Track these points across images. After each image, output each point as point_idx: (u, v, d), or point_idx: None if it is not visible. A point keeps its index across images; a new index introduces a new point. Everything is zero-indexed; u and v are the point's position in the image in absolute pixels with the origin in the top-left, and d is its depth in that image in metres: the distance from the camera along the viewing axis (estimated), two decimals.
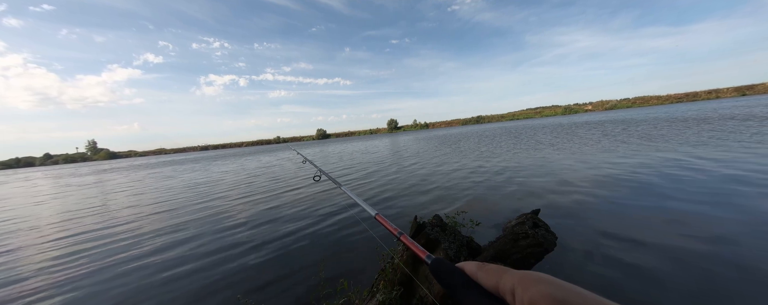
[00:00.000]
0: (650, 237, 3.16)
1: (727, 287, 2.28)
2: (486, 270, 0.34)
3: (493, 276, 0.32)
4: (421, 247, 0.49)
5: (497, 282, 0.31)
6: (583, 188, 5.37)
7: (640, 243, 3.05)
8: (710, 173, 5.46)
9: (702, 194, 4.40)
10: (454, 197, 5.70)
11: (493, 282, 0.31)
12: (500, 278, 0.31)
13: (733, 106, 35.83)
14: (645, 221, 3.61)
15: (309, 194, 7.25)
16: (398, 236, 0.59)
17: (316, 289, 2.55)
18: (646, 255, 2.81)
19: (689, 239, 3.05)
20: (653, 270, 2.58)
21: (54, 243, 5.05)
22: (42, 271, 3.78)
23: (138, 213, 6.88)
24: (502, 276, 0.31)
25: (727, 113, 22.97)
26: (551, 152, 10.47)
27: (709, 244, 2.91)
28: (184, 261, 3.72)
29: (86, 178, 21.48)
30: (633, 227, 3.48)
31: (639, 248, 2.96)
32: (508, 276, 0.30)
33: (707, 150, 7.77)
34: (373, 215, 0.72)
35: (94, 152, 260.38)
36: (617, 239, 3.20)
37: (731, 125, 13.28)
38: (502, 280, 0.30)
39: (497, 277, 0.31)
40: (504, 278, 0.30)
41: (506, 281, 0.29)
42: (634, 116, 36.88)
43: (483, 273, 0.34)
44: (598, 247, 3.05)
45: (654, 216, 3.74)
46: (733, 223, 3.33)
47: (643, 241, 3.09)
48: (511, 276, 0.30)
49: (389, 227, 0.63)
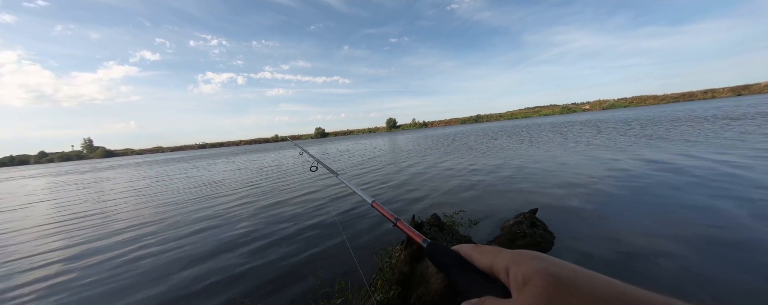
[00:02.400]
0: (648, 237, 3.17)
1: (728, 289, 2.30)
2: (480, 251, 0.34)
3: (488, 256, 0.32)
4: (417, 232, 0.49)
5: (491, 261, 0.31)
6: (582, 187, 5.39)
7: (638, 243, 3.06)
8: (709, 171, 5.50)
9: (702, 192, 4.43)
10: (452, 196, 5.70)
11: (487, 262, 0.32)
12: (495, 257, 0.31)
13: (736, 106, 36.08)
14: (643, 221, 3.63)
15: (307, 193, 7.24)
16: (395, 222, 0.60)
17: (314, 289, 2.54)
18: (644, 255, 2.82)
19: (688, 238, 3.07)
20: (651, 269, 2.60)
21: (51, 237, 5.01)
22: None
23: (140, 214, 6.84)
24: (496, 256, 0.31)
25: (728, 113, 23.13)
26: (549, 151, 10.50)
27: (709, 243, 2.93)
28: (180, 261, 3.70)
29: (101, 173, 21.30)
30: (631, 226, 3.49)
31: (637, 248, 2.98)
32: (502, 255, 0.30)
33: (706, 148, 7.83)
34: (370, 203, 0.72)
35: (90, 150, 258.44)
36: (615, 239, 3.21)
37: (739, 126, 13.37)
38: (496, 259, 0.30)
39: (492, 257, 0.31)
40: (498, 257, 0.30)
41: (500, 260, 0.30)
42: (633, 115, 37.11)
43: (477, 254, 0.34)
44: (596, 247, 3.06)
45: (652, 216, 3.76)
46: (734, 220, 3.36)
47: (642, 241, 3.10)
48: (505, 254, 0.30)
49: (386, 213, 0.63)
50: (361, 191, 0.85)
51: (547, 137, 16.96)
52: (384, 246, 3.02)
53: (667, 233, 3.22)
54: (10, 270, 3.82)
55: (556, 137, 16.38)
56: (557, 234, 3.23)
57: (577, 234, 3.40)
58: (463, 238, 2.59)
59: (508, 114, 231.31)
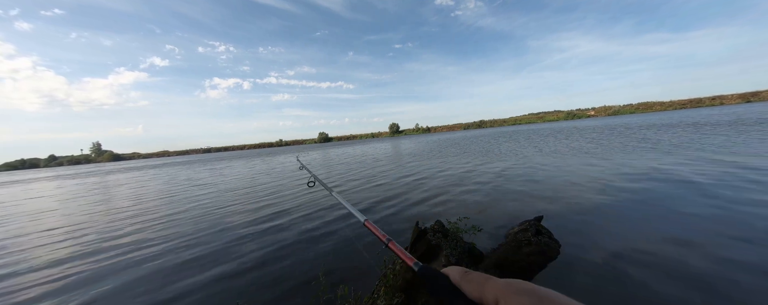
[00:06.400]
0: (656, 246, 3.11)
1: (737, 298, 2.23)
2: (469, 280, 0.34)
3: (476, 287, 0.32)
4: (408, 254, 0.49)
5: (481, 293, 0.31)
6: (588, 194, 5.32)
7: (646, 252, 3.01)
8: (720, 180, 5.39)
9: (712, 201, 4.34)
10: (456, 202, 5.67)
11: (477, 293, 0.32)
12: (483, 288, 0.31)
13: (748, 111, 35.49)
14: (651, 229, 3.56)
15: (309, 199, 7.25)
16: (386, 243, 0.60)
17: (317, 295, 2.53)
18: (652, 265, 2.77)
19: (696, 247, 3.01)
20: (658, 280, 2.54)
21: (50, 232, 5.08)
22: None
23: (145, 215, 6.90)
24: (484, 286, 0.31)
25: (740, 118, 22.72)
26: (554, 158, 10.41)
27: (718, 250, 2.87)
28: (181, 267, 3.71)
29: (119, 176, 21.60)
30: (639, 235, 3.43)
31: (644, 258, 2.92)
32: (490, 285, 0.30)
33: (720, 156, 7.69)
34: (362, 222, 0.72)
35: (99, 153, 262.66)
36: (622, 247, 3.16)
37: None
38: (485, 290, 0.31)
39: (480, 287, 0.31)
40: (486, 287, 0.30)
41: (488, 290, 0.30)
42: (642, 121, 36.66)
43: (466, 284, 0.34)
44: (603, 256, 3.01)
45: (660, 224, 3.69)
46: (742, 230, 3.28)
47: (649, 250, 3.04)
48: (493, 286, 0.30)
49: (378, 234, 0.63)
50: (354, 209, 0.84)
51: (553, 143, 16.81)
52: (388, 252, 3.00)
53: (679, 242, 3.15)
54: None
55: (561, 143, 16.23)
56: (563, 242, 3.18)
57: (583, 242, 3.34)
58: (467, 245, 2.58)
59: (511, 120, 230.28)
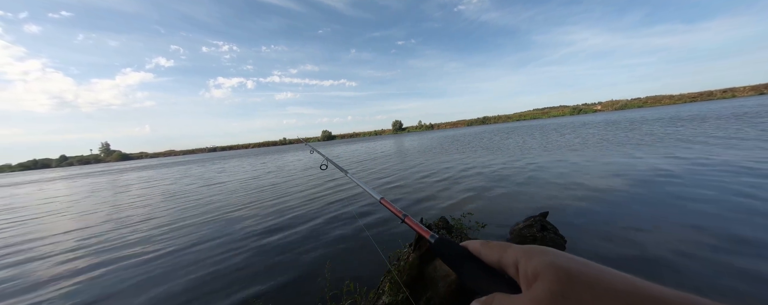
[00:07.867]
0: (662, 241, 3.07)
1: (740, 291, 2.20)
2: (489, 246, 0.34)
3: (496, 252, 0.32)
4: (424, 227, 0.50)
5: (500, 256, 0.31)
6: (593, 190, 5.26)
7: (652, 248, 2.97)
8: (728, 173, 5.28)
9: (719, 194, 4.26)
10: (460, 198, 5.65)
11: (495, 257, 0.31)
12: (503, 252, 0.31)
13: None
14: (657, 225, 3.51)
15: (316, 194, 7.30)
16: (403, 218, 0.61)
17: (323, 290, 2.56)
18: (659, 260, 2.74)
19: (705, 242, 2.96)
20: (666, 275, 2.51)
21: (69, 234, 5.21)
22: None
23: (151, 212, 7.04)
24: (505, 250, 0.31)
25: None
26: (560, 153, 10.29)
27: (725, 244, 2.82)
28: (189, 260, 3.78)
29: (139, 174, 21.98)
30: (645, 230, 3.39)
31: (651, 252, 2.88)
32: (511, 249, 0.30)
33: (726, 151, 7.53)
34: (378, 199, 0.74)
35: (107, 153, 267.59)
36: (628, 243, 3.12)
37: None
38: (505, 254, 0.30)
39: (500, 252, 0.31)
40: (507, 252, 0.30)
41: (509, 254, 0.29)
42: (654, 114, 35.95)
43: (486, 249, 0.34)
44: (609, 252, 2.98)
45: (667, 219, 3.64)
46: (751, 224, 3.21)
47: (656, 245, 3.00)
48: (514, 249, 0.30)
49: (394, 210, 0.64)
50: (369, 188, 0.87)
51: (558, 139, 16.62)
52: (393, 248, 3.02)
53: (688, 237, 3.11)
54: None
55: (567, 138, 16.04)
56: (568, 238, 3.17)
57: (589, 238, 3.31)
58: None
59: (516, 115, 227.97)
